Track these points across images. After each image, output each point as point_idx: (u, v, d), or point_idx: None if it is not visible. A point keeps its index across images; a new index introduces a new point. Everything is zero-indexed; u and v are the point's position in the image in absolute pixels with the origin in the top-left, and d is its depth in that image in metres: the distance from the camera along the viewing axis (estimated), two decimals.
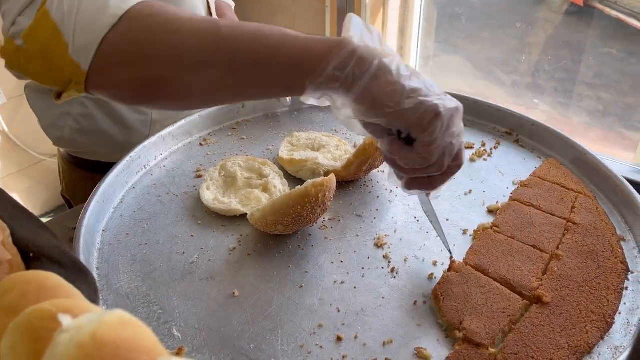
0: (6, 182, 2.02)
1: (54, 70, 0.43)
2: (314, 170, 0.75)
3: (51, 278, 0.31)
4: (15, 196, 2.07)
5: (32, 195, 2.11)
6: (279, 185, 0.72)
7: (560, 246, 0.62)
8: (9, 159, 2.00)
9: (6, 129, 1.93)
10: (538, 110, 1.71)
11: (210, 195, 0.71)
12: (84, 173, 0.90)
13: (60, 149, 0.96)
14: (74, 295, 0.31)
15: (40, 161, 2.07)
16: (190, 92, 0.48)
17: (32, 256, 0.37)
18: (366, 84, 0.44)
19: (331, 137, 0.83)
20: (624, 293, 0.57)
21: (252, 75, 0.45)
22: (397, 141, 0.49)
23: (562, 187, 0.72)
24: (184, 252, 0.64)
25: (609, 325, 0.53)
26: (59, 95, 0.48)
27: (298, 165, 0.76)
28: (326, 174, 0.75)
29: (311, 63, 0.43)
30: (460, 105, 0.49)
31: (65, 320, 0.23)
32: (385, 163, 0.65)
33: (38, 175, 2.10)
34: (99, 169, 0.78)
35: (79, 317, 0.24)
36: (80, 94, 0.46)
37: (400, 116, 0.45)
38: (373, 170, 0.77)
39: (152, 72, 0.45)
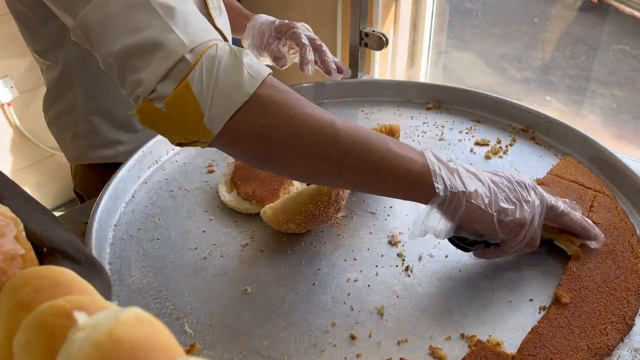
0: (17, 176, 2.03)
1: (187, 132, 0.50)
2: None
3: (65, 273, 0.31)
4: (26, 190, 2.09)
5: (43, 189, 2.12)
6: (296, 183, 0.72)
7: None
8: (20, 153, 2.01)
9: (18, 123, 1.94)
10: (550, 108, 1.69)
11: (230, 196, 0.70)
12: (96, 169, 0.89)
13: None
14: (88, 291, 0.31)
15: (51, 155, 2.08)
16: (298, 175, 0.57)
17: (45, 251, 0.37)
18: (461, 218, 0.53)
19: None
20: None
21: (356, 178, 0.53)
22: (488, 248, 0.58)
23: (580, 185, 0.70)
24: (196, 248, 0.64)
25: (629, 327, 0.52)
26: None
27: None
28: None
29: (408, 188, 0.52)
30: (537, 203, 0.56)
31: (81, 317, 0.23)
32: None
33: (49, 170, 2.11)
34: (112, 165, 0.78)
35: (94, 315, 0.23)
36: (204, 147, 0.52)
37: (495, 235, 0.54)
38: None
39: (269, 152, 0.51)
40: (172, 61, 0.47)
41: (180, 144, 0.53)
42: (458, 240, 0.57)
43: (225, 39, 0.86)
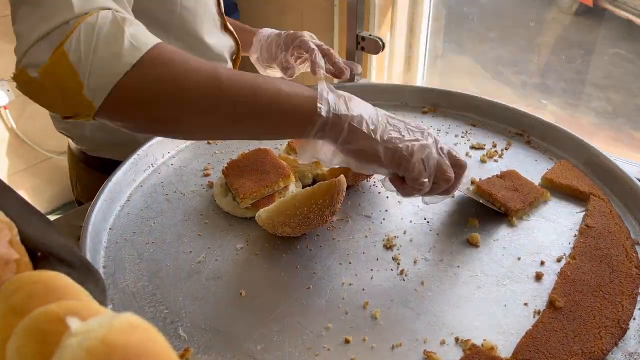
0: (14, 180, 2.02)
1: (66, 103, 0.47)
2: (303, 173, 0.74)
3: (59, 278, 0.31)
4: (22, 193, 2.09)
5: (39, 192, 2.12)
6: (292, 187, 0.72)
7: (573, 249, 0.61)
8: (16, 156, 2.01)
9: (14, 126, 1.93)
10: (546, 111, 1.70)
11: (226, 199, 0.70)
12: (100, 175, 0.89)
13: (74, 151, 0.95)
14: (82, 296, 0.31)
15: (47, 158, 2.07)
16: (192, 133, 0.56)
17: (39, 255, 0.36)
18: (343, 142, 0.53)
19: None
20: (638, 298, 0.56)
21: (249, 125, 0.52)
22: (393, 179, 0.58)
23: (574, 189, 0.71)
24: (190, 251, 0.64)
25: (623, 331, 0.52)
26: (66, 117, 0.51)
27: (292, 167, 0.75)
28: (314, 178, 0.74)
29: (298, 123, 0.52)
30: (430, 141, 0.57)
31: (74, 323, 0.23)
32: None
33: (45, 173, 2.10)
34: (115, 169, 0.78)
35: (88, 320, 0.23)
36: (88, 120, 0.50)
37: (381, 164, 0.55)
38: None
39: (158, 115, 0.50)
40: (53, 24, 0.45)
41: (66, 117, 0.50)
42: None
43: (236, 39, 0.87)
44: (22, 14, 0.47)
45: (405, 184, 0.57)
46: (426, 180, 0.56)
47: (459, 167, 0.59)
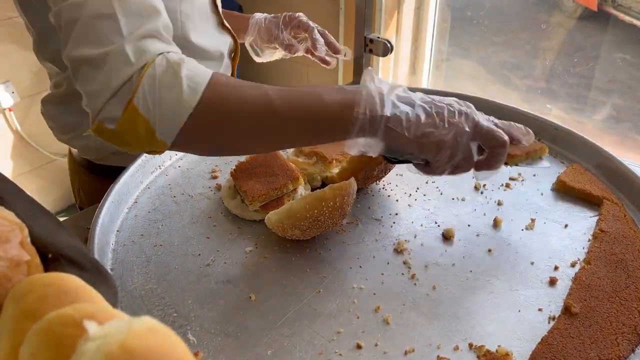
0: (18, 181, 2.01)
1: (142, 145, 0.54)
2: (312, 175, 0.74)
3: (71, 280, 0.30)
4: None
5: (43, 194, 2.11)
6: (301, 190, 0.71)
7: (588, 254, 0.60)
8: (21, 158, 2.00)
9: (19, 128, 1.93)
10: (551, 116, 1.69)
11: (234, 202, 0.69)
12: (104, 180, 0.88)
13: (77, 158, 0.93)
14: (95, 298, 0.30)
15: (52, 160, 2.07)
16: (253, 151, 0.65)
17: (50, 257, 0.36)
18: (382, 139, 0.55)
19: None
20: None
21: (300, 137, 0.58)
22: (418, 165, 0.60)
23: (588, 193, 0.70)
24: (199, 254, 0.63)
25: None
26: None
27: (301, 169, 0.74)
28: (323, 180, 0.74)
29: (340, 131, 0.55)
30: (468, 109, 0.58)
31: (91, 327, 0.22)
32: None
33: (50, 175, 2.10)
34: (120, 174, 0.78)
35: (105, 325, 0.22)
36: (161, 153, 0.57)
37: (417, 155, 0.57)
38: (388, 174, 0.75)
39: (223, 144, 0.57)
40: (119, 82, 0.51)
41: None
42: (392, 157, 0.59)
43: (234, 36, 0.88)
44: (85, 75, 0.53)
45: (428, 167, 0.60)
46: (447, 169, 0.59)
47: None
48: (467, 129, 0.56)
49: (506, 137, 0.58)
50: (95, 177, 0.91)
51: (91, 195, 0.93)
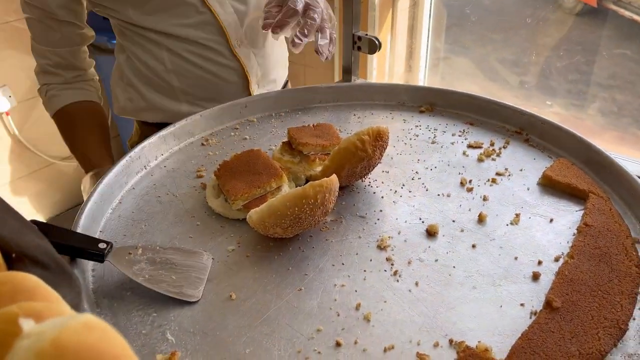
0: (17, 185, 2.03)
1: None
2: (296, 174, 0.73)
3: (28, 280, 0.30)
4: (26, 199, 2.09)
5: (42, 198, 2.12)
6: (285, 188, 0.70)
7: (571, 248, 0.59)
8: (19, 162, 2.01)
9: (17, 132, 1.94)
10: (551, 112, 1.68)
11: (218, 201, 0.69)
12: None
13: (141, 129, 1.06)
14: (51, 298, 0.30)
15: (50, 164, 2.08)
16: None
17: (14, 257, 0.36)
18: None
19: None
20: (638, 298, 0.54)
21: None
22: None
23: (574, 187, 0.69)
24: None
25: (623, 331, 0.51)
26: None
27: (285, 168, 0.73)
28: (307, 178, 0.73)
29: None
30: None
31: (27, 324, 0.22)
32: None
33: (49, 178, 2.11)
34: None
35: (42, 322, 0.22)
36: None
37: None
38: (374, 171, 0.75)
39: None
40: None
41: None
42: None
43: (243, 67, 0.99)
44: None
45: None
46: None
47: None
48: None
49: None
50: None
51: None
